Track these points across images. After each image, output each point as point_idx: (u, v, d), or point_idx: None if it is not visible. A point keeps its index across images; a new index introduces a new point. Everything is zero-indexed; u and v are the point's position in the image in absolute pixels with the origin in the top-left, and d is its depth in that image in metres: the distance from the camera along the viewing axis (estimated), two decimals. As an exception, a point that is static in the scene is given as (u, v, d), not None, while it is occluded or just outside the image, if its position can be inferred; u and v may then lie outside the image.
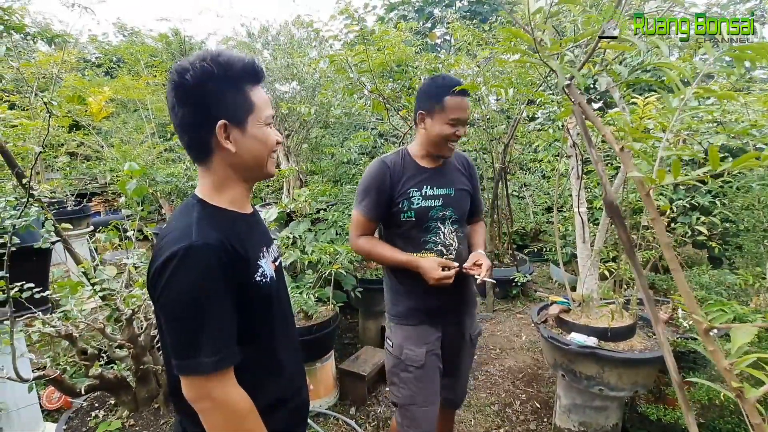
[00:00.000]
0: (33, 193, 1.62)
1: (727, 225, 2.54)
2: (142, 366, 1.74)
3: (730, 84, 2.37)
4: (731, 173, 2.22)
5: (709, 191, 2.77)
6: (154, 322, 1.66)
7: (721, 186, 2.40)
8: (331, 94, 3.68)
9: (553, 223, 3.90)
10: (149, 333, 1.78)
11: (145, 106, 5.01)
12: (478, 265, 1.52)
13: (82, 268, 1.82)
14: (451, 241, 1.57)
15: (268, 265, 0.91)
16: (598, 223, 2.20)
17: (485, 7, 8.94)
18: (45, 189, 1.86)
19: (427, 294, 1.50)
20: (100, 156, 5.21)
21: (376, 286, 2.88)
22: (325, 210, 3.41)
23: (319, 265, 2.57)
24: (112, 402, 1.88)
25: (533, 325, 2.21)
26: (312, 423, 2.29)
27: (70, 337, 1.63)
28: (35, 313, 1.66)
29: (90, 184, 5.89)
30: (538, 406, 2.50)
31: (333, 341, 2.60)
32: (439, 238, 1.55)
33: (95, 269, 1.88)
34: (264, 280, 0.88)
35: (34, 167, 1.78)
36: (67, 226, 2.23)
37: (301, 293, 2.43)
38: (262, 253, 0.92)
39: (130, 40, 7.14)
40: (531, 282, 4.20)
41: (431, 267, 1.44)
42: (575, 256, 2.40)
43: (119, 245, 2.19)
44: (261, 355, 0.91)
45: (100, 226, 2.48)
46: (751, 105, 2.32)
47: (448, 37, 8.64)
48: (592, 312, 2.04)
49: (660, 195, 2.19)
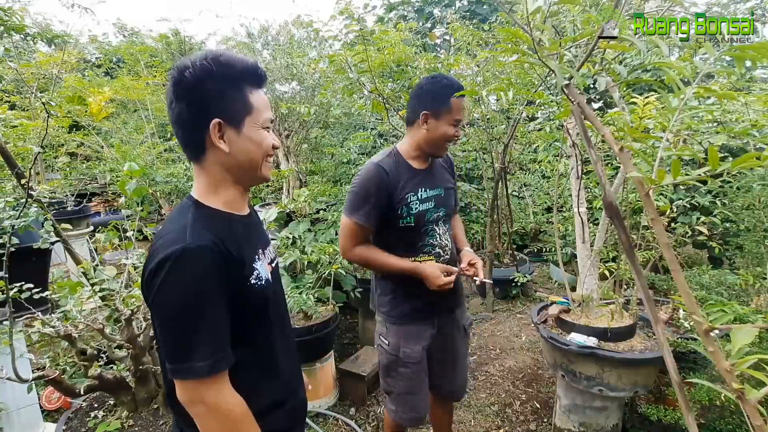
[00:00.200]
0: (32, 193, 1.62)
1: (728, 225, 2.54)
2: (141, 366, 1.74)
3: (730, 84, 2.37)
4: (731, 173, 2.21)
5: (709, 191, 2.77)
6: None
7: (721, 186, 2.40)
8: (331, 95, 3.67)
9: (553, 223, 3.90)
10: (148, 333, 1.78)
11: (144, 107, 5.01)
12: (471, 264, 1.56)
13: (82, 268, 1.82)
14: (445, 242, 1.60)
15: (263, 268, 0.91)
16: (597, 223, 2.20)
17: (485, 7, 8.93)
18: (44, 189, 1.86)
19: (425, 294, 1.52)
20: (100, 156, 5.21)
21: (375, 286, 2.87)
22: (324, 210, 3.41)
23: (319, 265, 2.57)
24: (112, 402, 1.88)
25: (533, 325, 2.21)
26: (312, 423, 2.29)
27: (69, 337, 1.63)
28: (34, 313, 1.66)
29: (90, 184, 5.88)
30: (538, 406, 2.49)
31: (333, 341, 2.60)
32: (436, 240, 1.57)
33: (95, 269, 1.87)
34: (259, 283, 0.88)
35: (33, 167, 1.78)
36: (67, 226, 2.22)
37: (300, 293, 2.43)
38: (258, 256, 0.91)
39: (130, 40, 7.13)
40: (531, 282, 4.20)
41: (435, 275, 1.46)
42: (575, 257, 2.40)
43: (119, 245, 2.19)
44: (257, 357, 0.91)
45: (99, 227, 2.48)
46: (752, 105, 2.32)
47: (447, 37, 8.63)
48: (592, 312, 2.04)
49: (660, 195, 2.19)
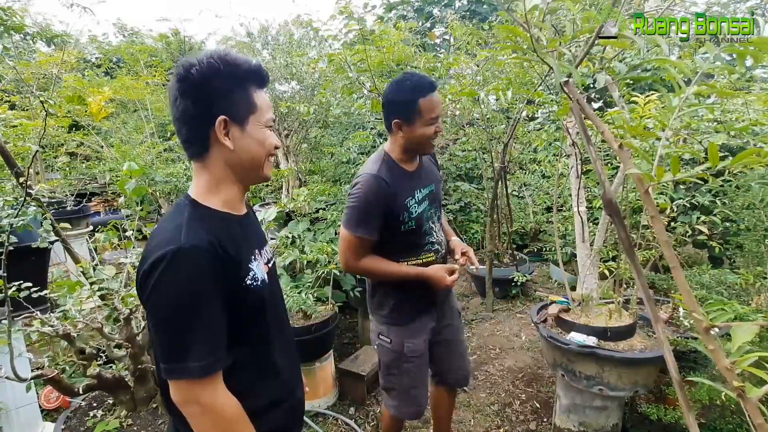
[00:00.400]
0: (30, 191, 1.61)
1: (728, 224, 2.53)
2: (140, 365, 1.73)
3: (730, 83, 2.36)
4: (732, 172, 2.21)
5: (709, 190, 2.76)
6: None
7: (721, 185, 2.40)
8: (330, 94, 3.67)
9: (552, 223, 3.89)
10: (147, 332, 1.77)
11: (144, 106, 5.00)
12: (463, 254, 1.60)
13: (80, 267, 1.81)
14: (441, 237, 1.63)
15: (259, 268, 0.91)
16: (597, 223, 2.19)
17: (485, 6, 8.92)
18: (42, 188, 1.85)
19: (426, 293, 1.56)
20: (100, 156, 5.21)
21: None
22: (324, 209, 3.41)
23: (318, 265, 2.57)
24: (111, 402, 1.88)
25: (533, 324, 2.20)
26: (311, 423, 2.29)
27: (68, 336, 1.62)
28: (33, 312, 1.66)
29: (89, 184, 5.88)
30: (538, 406, 2.49)
31: (332, 341, 2.60)
32: (434, 238, 1.59)
33: (94, 269, 1.87)
34: (255, 284, 0.87)
35: (31, 166, 1.78)
36: (66, 225, 2.22)
37: (300, 293, 2.42)
38: (254, 256, 0.91)
39: (130, 40, 7.13)
40: (531, 282, 4.19)
41: (441, 276, 1.49)
42: (575, 256, 2.40)
43: (118, 245, 2.19)
44: (255, 357, 0.90)
45: (99, 226, 2.48)
46: (752, 104, 2.32)
47: (447, 37, 8.63)
48: (591, 311, 2.04)
49: (660, 194, 2.18)
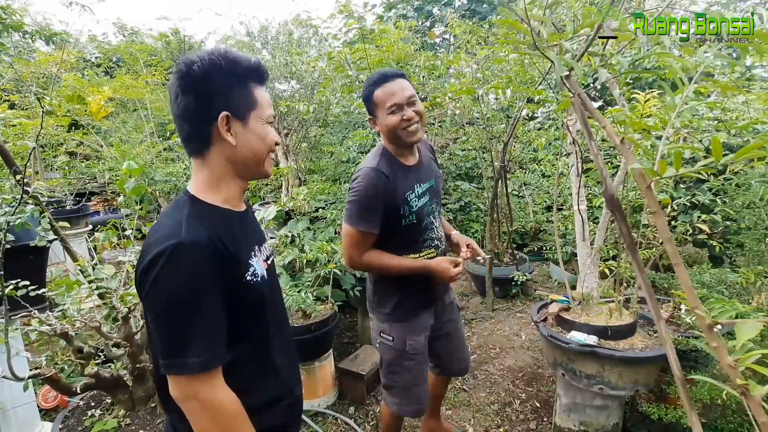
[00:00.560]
0: (27, 189, 1.61)
1: (728, 223, 2.53)
2: (138, 365, 1.73)
3: (730, 82, 2.35)
4: (732, 170, 2.20)
5: (709, 189, 2.76)
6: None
7: (721, 184, 2.39)
8: (330, 92, 3.66)
9: (553, 222, 3.89)
10: (145, 331, 1.77)
11: (144, 106, 5.00)
12: (468, 246, 1.60)
13: (78, 265, 1.80)
14: (441, 233, 1.64)
15: (259, 264, 0.90)
16: (597, 222, 2.19)
17: (484, 5, 8.91)
18: (40, 186, 1.84)
19: (427, 288, 1.58)
20: (100, 155, 5.20)
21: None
22: (323, 208, 3.40)
23: (318, 264, 2.56)
24: (109, 401, 1.87)
25: (533, 323, 2.19)
26: (311, 422, 2.28)
27: (66, 335, 1.62)
28: (31, 311, 1.65)
29: (89, 183, 5.87)
30: (538, 405, 2.48)
31: (332, 340, 2.59)
32: (435, 234, 1.60)
33: (93, 268, 1.86)
34: (255, 280, 0.87)
35: (28, 163, 1.77)
36: (65, 224, 2.22)
37: (299, 292, 2.41)
38: (254, 252, 0.91)
39: (130, 39, 7.13)
40: (531, 281, 4.18)
41: (445, 268, 1.48)
42: (575, 255, 2.39)
43: (118, 244, 2.18)
44: (254, 354, 0.90)
45: (99, 226, 2.47)
46: (752, 103, 2.31)
47: (447, 36, 8.62)
48: (592, 310, 2.03)
49: (660, 192, 2.17)
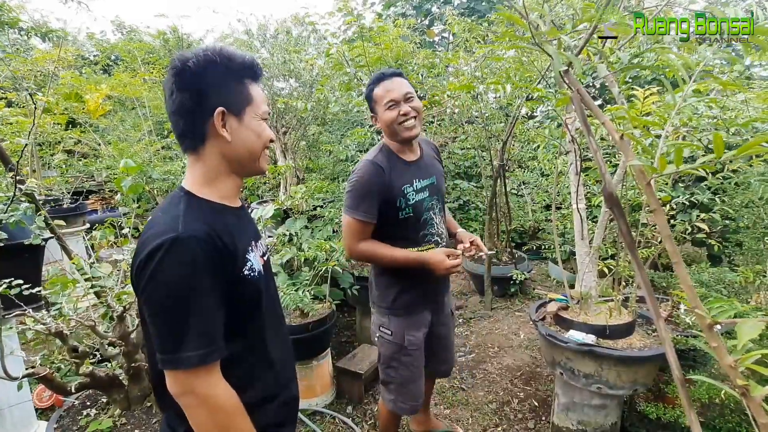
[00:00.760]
0: (21, 186, 1.59)
1: (727, 222, 2.52)
2: (134, 364, 1.71)
3: (731, 79, 2.35)
4: (732, 169, 2.20)
5: (708, 188, 2.75)
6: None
7: (720, 183, 2.38)
8: (329, 90, 3.65)
9: (551, 221, 3.88)
10: (141, 330, 1.75)
11: (142, 104, 4.98)
12: (471, 242, 1.62)
13: (73, 263, 1.79)
14: (442, 230, 1.66)
15: (256, 260, 0.90)
16: (596, 221, 2.18)
17: (483, 4, 8.89)
18: (33, 183, 1.83)
19: (424, 283, 1.60)
20: (97, 153, 5.18)
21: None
22: (322, 207, 3.39)
23: (316, 262, 2.55)
24: (104, 400, 1.86)
25: (531, 322, 2.19)
26: (308, 421, 2.27)
27: (61, 334, 1.60)
28: (26, 310, 1.64)
29: (87, 181, 5.85)
30: (536, 404, 2.47)
31: (330, 339, 2.58)
32: (435, 230, 1.61)
33: (90, 266, 1.85)
34: (252, 274, 0.87)
35: (22, 160, 1.76)
36: (61, 222, 2.20)
37: (297, 290, 2.40)
38: (251, 247, 0.91)
39: (128, 37, 7.10)
40: (529, 280, 4.18)
41: (440, 260, 1.49)
42: (574, 254, 2.38)
43: (115, 242, 2.17)
44: (250, 350, 0.90)
45: (96, 224, 2.45)
46: (751, 102, 2.30)
47: (446, 34, 8.60)
48: (590, 309, 2.02)
49: (659, 191, 2.16)
